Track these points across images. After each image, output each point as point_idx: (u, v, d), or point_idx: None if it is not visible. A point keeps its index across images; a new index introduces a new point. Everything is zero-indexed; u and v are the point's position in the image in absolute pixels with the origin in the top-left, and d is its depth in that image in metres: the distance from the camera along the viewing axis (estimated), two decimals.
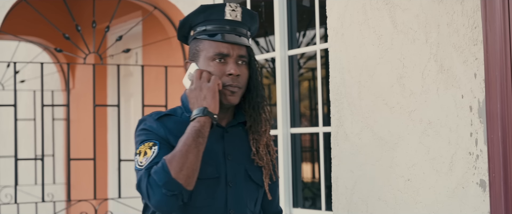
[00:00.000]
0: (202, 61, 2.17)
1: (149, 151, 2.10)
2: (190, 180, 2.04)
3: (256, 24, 2.28)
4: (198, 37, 2.19)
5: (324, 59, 4.01)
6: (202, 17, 2.19)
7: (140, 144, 2.14)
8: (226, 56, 2.15)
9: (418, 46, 2.57)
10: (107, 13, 6.01)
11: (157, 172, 2.03)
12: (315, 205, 4.21)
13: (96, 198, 5.33)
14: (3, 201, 6.73)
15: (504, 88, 2.28)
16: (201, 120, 2.08)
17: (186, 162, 2.02)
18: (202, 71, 2.15)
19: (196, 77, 2.14)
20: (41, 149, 5.35)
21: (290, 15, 4.17)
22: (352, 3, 2.85)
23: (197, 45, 2.19)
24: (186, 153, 2.03)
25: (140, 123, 2.19)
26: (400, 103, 2.64)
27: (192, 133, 2.05)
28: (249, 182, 2.22)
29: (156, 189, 2.02)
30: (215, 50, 2.15)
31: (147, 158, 2.08)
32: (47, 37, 6.98)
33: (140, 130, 2.17)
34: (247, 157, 2.22)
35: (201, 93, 2.12)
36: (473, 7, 2.38)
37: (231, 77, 2.15)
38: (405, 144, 2.62)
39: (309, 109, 4.37)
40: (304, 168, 4.29)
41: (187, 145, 2.04)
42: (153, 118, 2.17)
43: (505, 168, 2.29)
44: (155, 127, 2.14)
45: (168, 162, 2.03)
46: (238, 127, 2.25)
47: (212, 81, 2.12)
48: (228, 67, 2.15)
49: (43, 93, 5.40)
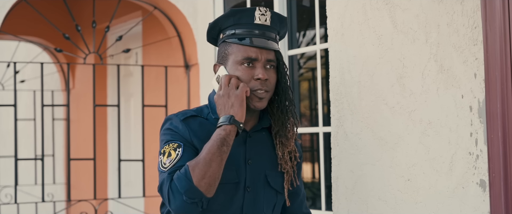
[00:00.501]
0: (231, 64, 2.17)
1: (173, 152, 2.10)
2: (211, 188, 2.04)
3: (285, 28, 2.28)
4: (227, 41, 2.18)
5: (324, 59, 4.01)
6: (232, 20, 2.18)
7: (164, 144, 2.13)
8: (254, 60, 2.15)
9: (418, 46, 2.57)
10: (107, 13, 6.01)
11: (179, 178, 2.03)
12: (315, 205, 4.21)
13: (96, 198, 5.33)
14: (3, 201, 6.72)
15: (504, 88, 2.28)
16: (227, 128, 2.07)
17: (209, 170, 2.02)
18: (231, 77, 2.14)
19: (225, 83, 2.13)
20: (41, 149, 5.35)
21: (290, 15, 4.16)
22: (352, 3, 2.85)
23: (226, 49, 2.19)
24: (210, 161, 2.03)
25: (165, 122, 2.19)
26: (400, 103, 2.64)
27: (217, 141, 2.05)
28: (268, 187, 2.22)
29: (177, 195, 2.02)
30: (244, 55, 2.15)
31: (171, 160, 2.08)
32: (47, 37, 6.98)
33: (165, 129, 2.17)
34: (268, 163, 2.22)
35: (229, 101, 2.11)
36: (473, 7, 2.38)
37: (259, 81, 2.14)
38: (405, 144, 2.62)
39: (309, 109, 4.37)
40: (304, 168, 4.29)
41: (211, 153, 2.03)
42: (179, 118, 2.17)
43: (505, 168, 2.29)
44: (181, 128, 2.14)
45: (191, 169, 2.02)
46: (261, 131, 2.25)
47: (240, 89, 2.11)
48: (256, 71, 2.15)
49: (43, 93, 5.40)
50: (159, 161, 2.12)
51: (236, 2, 4.72)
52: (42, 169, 5.24)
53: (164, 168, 2.09)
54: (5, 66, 7.83)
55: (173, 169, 2.07)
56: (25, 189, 7.37)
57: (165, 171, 2.08)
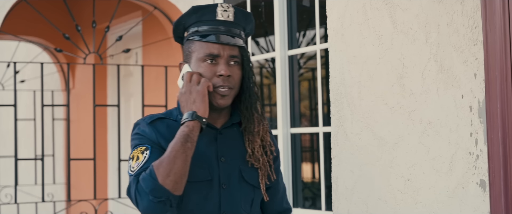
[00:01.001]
0: (194, 62, 2.17)
1: (141, 155, 2.10)
2: (178, 186, 2.03)
3: (251, 24, 2.27)
4: (191, 39, 2.18)
5: (324, 59, 4.01)
6: (194, 18, 2.18)
7: (133, 149, 2.14)
8: (217, 57, 2.14)
9: (418, 46, 2.57)
10: (107, 13, 6.01)
11: (144, 178, 2.03)
12: (315, 205, 4.21)
13: (96, 198, 5.33)
14: (3, 201, 6.72)
15: (504, 88, 2.28)
16: (189, 124, 2.06)
17: (174, 167, 2.02)
18: (192, 73, 2.14)
19: (186, 80, 2.13)
20: (41, 149, 5.35)
21: (290, 15, 4.16)
22: (352, 3, 2.85)
23: (190, 47, 2.19)
24: (174, 158, 2.02)
25: (134, 127, 2.19)
26: (400, 103, 2.64)
27: (181, 138, 2.04)
28: (244, 183, 2.20)
29: (144, 195, 2.02)
30: (206, 51, 2.14)
31: (139, 163, 2.08)
32: (47, 37, 6.98)
33: (134, 134, 2.17)
34: (242, 158, 2.21)
35: (190, 97, 2.11)
36: (473, 7, 2.38)
37: (221, 78, 2.13)
38: (405, 144, 2.62)
39: (309, 109, 4.37)
40: (304, 168, 4.29)
41: (175, 150, 2.03)
42: (146, 122, 2.17)
43: (505, 168, 2.29)
44: (147, 131, 2.14)
45: (155, 168, 2.02)
46: (233, 127, 2.23)
47: (202, 84, 2.11)
48: (218, 68, 2.14)
49: (43, 93, 5.40)
50: (129, 166, 2.12)
51: (236, 2, 4.72)
52: (42, 169, 5.24)
53: (132, 171, 2.09)
54: (5, 66, 7.83)
55: (140, 171, 2.07)
56: (25, 189, 7.37)
57: (132, 174, 2.08)
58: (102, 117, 6.65)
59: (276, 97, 4.18)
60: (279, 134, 4.14)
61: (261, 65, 4.71)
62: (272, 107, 4.53)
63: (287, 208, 2.38)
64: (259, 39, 4.64)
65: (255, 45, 4.63)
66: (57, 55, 7.18)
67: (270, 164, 2.26)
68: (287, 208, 2.38)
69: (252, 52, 4.56)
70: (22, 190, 7.08)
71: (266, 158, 2.24)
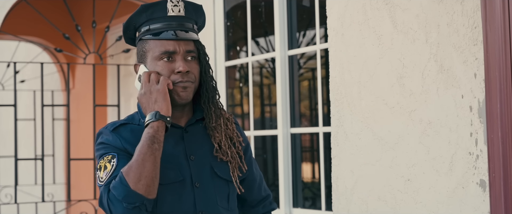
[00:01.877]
0: (150, 62, 2.11)
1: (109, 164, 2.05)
2: (151, 189, 1.99)
3: (202, 17, 2.22)
4: (143, 38, 2.13)
5: (324, 59, 4.01)
6: (145, 16, 2.13)
7: (99, 159, 2.09)
8: (173, 53, 2.09)
9: (418, 46, 2.57)
10: (107, 13, 6.01)
11: (115, 186, 1.98)
12: (315, 205, 4.21)
13: (96, 198, 5.33)
14: (3, 201, 6.73)
15: (504, 88, 2.28)
16: (154, 125, 2.02)
17: (144, 171, 1.97)
18: (150, 73, 2.09)
19: (145, 80, 2.08)
20: (41, 149, 5.35)
21: (290, 15, 4.16)
22: (352, 3, 2.85)
23: (143, 46, 2.13)
24: (143, 162, 1.97)
25: (97, 137, 2.14)
26: (400, 103, 2.64)
27: (147, 140, 2.00)
28: (217, 179, 2.16)
29: (117, 204, 1.97)
30: (161, 49, 2.09)
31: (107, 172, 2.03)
32: (47, 37, 6.98)
33: (98, 144, 2.12)
34: (211, 154, 2.17)
35: (151, 97, 2.06)
36: (473, 7, 2.38)
37: (180, 74, 2.09)
38: (405, 144, 2.62)
39: (309, 109, 4.37)
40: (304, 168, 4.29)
41: (143, 153, 1.98)
42: (109, 130, 2.12)
43: (505, 168, 2.29)
44: (111, 139, 2.09)
45: (125, 174, 1.97)
46: (198, 124, 2.19)
47: (161, 83, 2.06)
48: (176, 64, 2.09)
49: (43, 93, 5.40)
50: (97, 177, 2.07)
51: (236, 2, 4.72)
52: (42, 169, 5.25)
53: (101, 181, 2.04)
54: (5, 66, 7.83)
55: (110, 180, 2.02)
56: (25, 189, 7.37)
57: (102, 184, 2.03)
58: (102, 117, 6.64)
59: (276, 97, 4.18)
60: (279, 134, 4.14)
61: (261, 65, 4.71)
62: (272, 106, 4.53)
63: (267, 195, 2.34)
64: (259, 39, 4.65)
65: (255, 45, 4.64)
66: (57, 55, 7.18)
67: (240, 155, 2.21)
68: (266, 195, 2.33)
69: (252, 52, 4.57)
70: (22, 190, 7.08)
71: (234, 150, 2.19)
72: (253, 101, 4.43)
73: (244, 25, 4.55)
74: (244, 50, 4.76)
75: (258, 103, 4.69)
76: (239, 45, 4.84)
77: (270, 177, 4.55)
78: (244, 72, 4.79)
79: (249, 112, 4.47)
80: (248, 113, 4.51)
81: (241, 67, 4.81)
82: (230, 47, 4.79)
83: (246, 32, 4.50)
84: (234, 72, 4.85)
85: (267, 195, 2.34)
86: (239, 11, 4.76)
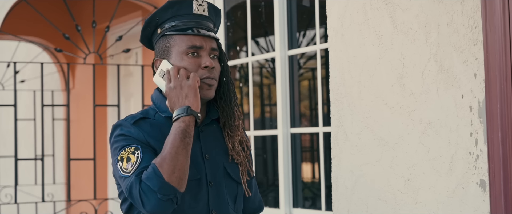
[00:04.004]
0: (175, 56, 2.14)
1: (133, 156, 2.05)
2: (183, 182, 2.01)
3: (219, 20, 2.26)
4: (167, 34, 2.16)
5: (324, 59, 4.01)
6: (170, 13, 2.15)
7: (120, 150, 2.08)
8: (200, 49, 2.12)
9: (418, 46, 2.57)
10: (107, 13, 6.01)
11: (149, 177, 1.99)
12: (315, 205, 4.21)
13: (96, 198, 5.33)
14: (3, 201, 6.72)
15: (504, 88, 2.28)
16: (186, 119, 2.04)
17: (177, 164, 1.99)
18: (179, 68, 2.11)
19: (174, 75, 2.10)
20: (41, 149, 5.35)
21: (290, 15, 4.16)
22: (352, 3, 2.85)
23: (167, 42, 2.15)
24: (176, 154, 2.00)
25: (115, 128, 2.14)
26: (400, 103, 2.64)
27: (179, 133, 2.02)
28: (229, 179, 2.19)
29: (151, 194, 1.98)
30: (188, 44, 2.12)
31: (133, 164, 2.04)
32: (47, 37, 6.98)
33: (117, 136, 2.11)
34: (224, 155, 2.19)
35: (182, 92, 2.07)
36: (473, 7, 2.38)
37: (206, 70, 2.11)
38: (405, 144, 2.62)
39: (309, 109, 4.37)
40: (304, 168, 4.29)
41: (176, 147, 2.00)
42: (129, 123, 2.12)
43: (505, 168, 2.29)
44: (133, 131, 2.10)
45: (159, 166, 1.99)
46: (212, 124, 2.21)
47: (192, 79, 2.08)
48: (202, 60, 2.12)
49: (43, 93, 5.40)
50: (119, 168, 2.06)
51: (236, 2, 4.72)
52: (42, 169, 5.24)
53: (127, 172, 2.04)
54: (5, 66, 7.83)
55: (138, 171, 2.02)
56: (25, 189, 7.37)
57: (129, 175, 2.03)
58: (102, 117, 6.64)
59: (276, 97, 4.18)
60: (279, 134, 4.14)
61: (261, 65, 4.71)
62: (272, 106, 4.53)
63: (259, 206, 2.36)
64: (259, 39, 4.65)
65: (255, 45, 4.64)
66: (57, 55, 7.18)
67: (248, 159, 2.25)
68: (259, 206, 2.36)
69: (252, 52, 4.57)
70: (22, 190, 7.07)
71: (244, 153, 2.23)
72: (253, 101, 4.44)
73: (244, 25, 4.55)
74: (244, 50, 4.76)
75: (258, 103, 4.69)
76: (239, 45, 4.84)
77: (270, 177, 4.55)
78: (244, 72, 4.79)
79: (249, 112, 4.47)
80: (248, 113, 4.51)
81: (241, 67, 4.82)
82: (230, 47, 4.79)
83: (246, 32, 4.50)
84: (234, 72, 4.85)
85: (260, 206, 2.37)
86: (239, 11, 4.76)
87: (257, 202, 2.35)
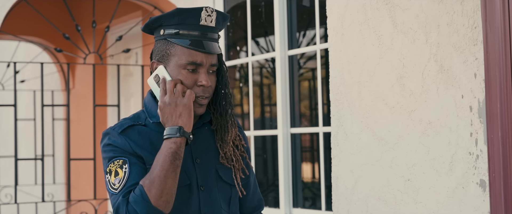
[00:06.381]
0: (173, 67, 2.09)
1: (121, 170, 2.04)
2: (169, 205, 2.00)
3: (225, 26, 2.22)
4: (170, 40, 2.10)
5: (324, 59, 4.01)
6: (177, 20, 2.10)
7: (109, 162, 2.07)
8: (199, 65, 2.07)
9: (418, 46, 2.58)
10: (107, 13, 6.01)
11: (136, 201, 1.97)
12: (315, 205, 4.21)
13: (96, 198, 5.33)
14: (3, 201, 6.73)
15: (504, 88, 2.28)
16: (177, 141, 2.01)
17: (165, 187, 1.98)
18: (176, 83, 2.07)
19: (170, 89, 2.06)
20: (41, 149, 5.35)
21: (290, 15, 4.16)
22: (352, 3, 2.85)
23: (168, 48, 2.10)
24: (165, 178, 1.98)
25: (104, 137, 2.11)
26: (400, 103, 2.64)
27: (169, 156, 1.99)
28: (221, 182, 2.16)
29: None
30: (189, 59, 2.07)
31: (120, 180, 2.02)
32: (47, 37, 6.98)
33: (105, 146, 2.09)
34: (216, 157, 2.17)
35: (176, 110, 2.04)
36: (473, 7, 2.38)
37: (202, 88, 2.08)
38: (405, 144, 2.62)
39: (309, 109, 4.37)
40: (304, 168, 4.29)
41: (165, 170, 1.98)
42: (117, 132, 2.09)
43: (505, 168, 2.29)
44: (119, 141, 2.07)
45: (147, 189, 1.97)
46: (203, 127, 2.19)
47: (188, 98, 2.04)
48: (200, 77, 2.07)
49: (43, 93, 5.40)
50: (107, 181, 2.05)
51: (236, 2, 4.73)
52: (42, 169, 5.24)
53: (115, 189, 2.02)
54: (5, 66, 7.83)
55: (125, 189, 2.01)
56: (25, 189, 7.37)
57: (116, 193, 2.02)
58: (102, 117, 6.65)
59: (276, 97, 4.18)
60: (279, 134, 4.14)
61: (261, 65, 4.71)
62: (272, 106, 4.53)
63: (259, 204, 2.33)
64: (259, 39, 4.65)
65: (255, 45, 4.64)
66: (57, 55, 7.18)
67: (243, 156, 2.23)
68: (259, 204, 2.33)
69: (252, 52, 4.57)
70: (22, 190, 7.08)
71: (238, 154, 2.20)
72: (253, 101, 4.44)
73: (244, 25, 4.55)
74: (244, 50, 4.76)
75: (258, 103, 4.69)
76: (239, 45, 4.84)
77: (270, 177, 4.55)
78: (244, 72, 4.79)
79: (249, 112, 4.47)
80: (248, 113, 4.51)
81: (241, 67, 4.82)
82: (230, 47, 4.79)
83: (246, 32, 4.50)
84: (234, 72, 4.85)
85: (260, 204, 2.35)
86: (239, 11, 4.76)
87: (256, 201, 2.32)
